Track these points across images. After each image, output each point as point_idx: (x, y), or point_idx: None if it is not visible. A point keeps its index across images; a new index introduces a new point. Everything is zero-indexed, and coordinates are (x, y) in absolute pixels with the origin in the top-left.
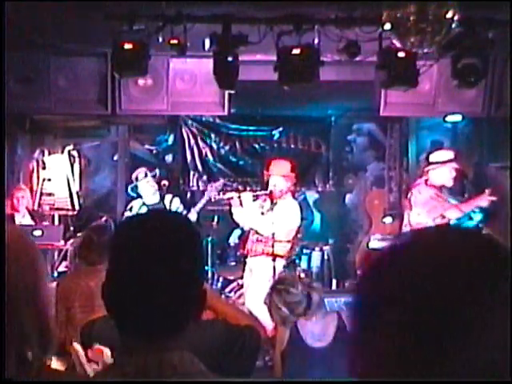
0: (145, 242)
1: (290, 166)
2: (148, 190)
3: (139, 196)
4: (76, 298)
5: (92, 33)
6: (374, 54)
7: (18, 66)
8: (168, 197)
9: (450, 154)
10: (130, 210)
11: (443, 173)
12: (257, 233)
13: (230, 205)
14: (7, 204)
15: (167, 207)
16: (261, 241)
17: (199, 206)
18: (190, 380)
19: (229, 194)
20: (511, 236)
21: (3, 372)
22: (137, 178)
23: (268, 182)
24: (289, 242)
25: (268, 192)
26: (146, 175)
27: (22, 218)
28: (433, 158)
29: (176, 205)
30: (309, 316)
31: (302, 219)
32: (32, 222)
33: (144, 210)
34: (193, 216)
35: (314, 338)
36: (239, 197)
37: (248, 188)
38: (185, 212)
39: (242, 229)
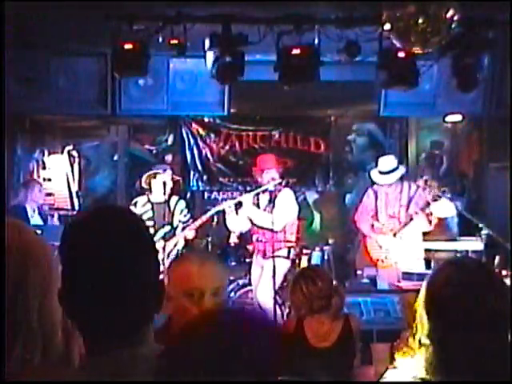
0: (95, 240)
1: (275, 159)
2: (160, 188)
3: (144, 192)
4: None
5: (92, 33)
6: (374, 54)
7: (18, 66)
8: (174, 198)
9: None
10: (135, 205)
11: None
12: (260, 230)
13: (225, 213)
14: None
15: (171, 208)
16: (261, 241)
17: (198, 222)
18: (192, 380)
19: (226, 204)
20: (511, 238)
21: (3, 372)
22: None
23: (258, 178)
24: (290, 241)
25: (271, 188)
26: (164, 171)
27: (33, 213)
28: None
29: (181, 207)
30: (321, 316)
31: (299, 213)
32: (41, 222)
33: (148, 206)
34: (190, 233)
35: (318, 339)
36: (239, 203)
37: (248, 188)
38: (188, 215)
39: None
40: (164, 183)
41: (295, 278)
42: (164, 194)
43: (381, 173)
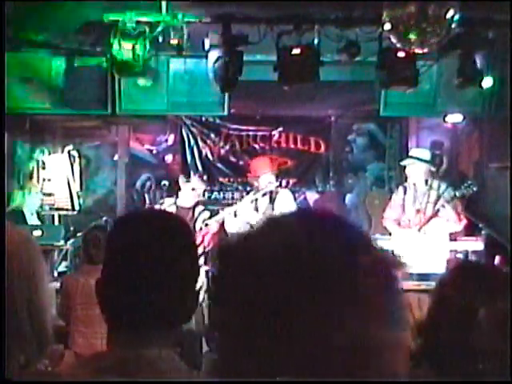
0: (141, 241)
1: (269, 161)
2: (186, 194)
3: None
4: (77, 296)
5: (92, 33)
6: (373, 54)
7: (18, 65)
8: (200, 207)
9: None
10: (161, 204)
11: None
12: None
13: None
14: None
15: (195, 215)
16: None
17: (217, 218)
18: (195, 380)
19: (226, 211)
20: (511, 236)
21: (3, 372)
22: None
23: (254, 182)
24: None
25: (270, 191)
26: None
27: (31, 216)
28: (411, 153)
29: (204, 217)
30: None
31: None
32: (38, 222)
33: (173, 208)
34: (214, 226)
35: None
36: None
37: (248, 188)
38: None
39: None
40: (193, 190)
41: None
42: (189, 199)
43: (408, 156)
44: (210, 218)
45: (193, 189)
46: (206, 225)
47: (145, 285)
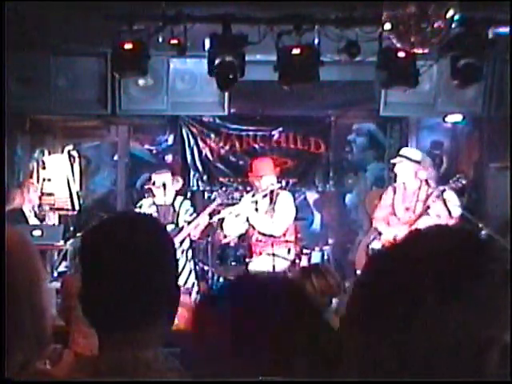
0: (115, 242)
1: (272, 162)
2: (160, 191)
3: (148, 194)
4: (76, 296)
5: (92, 33)
6: (374, 54)
7: (18, 65)
8: (179, 199)
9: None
10: (140, 207)
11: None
12: (261, 234)
13: (222, 219)
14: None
15: (177, 209)
16: (261, 241)
17: (209, 209)
18: (195, 380)
19: (227, 210)
20: (511, 236)
21: (3, 372)
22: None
23: (255, 183)
24: (290, 242)
25: (270, 192)
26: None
27: (30, 213)
28: (401, 152)
29: (186, 207)
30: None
31: (296, 213)
32: (37, 222)
33: (153, 208)
34: (205, 219)
35: None
36: (231, 212)
37: (248, 188)
38: (194, 215)
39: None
40: (164, 185)
41: (305, 272)
42: (165, 195)
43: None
44: (191, 206)
45: (156, 183)
46: (190, 215)
47: (124, 287)
